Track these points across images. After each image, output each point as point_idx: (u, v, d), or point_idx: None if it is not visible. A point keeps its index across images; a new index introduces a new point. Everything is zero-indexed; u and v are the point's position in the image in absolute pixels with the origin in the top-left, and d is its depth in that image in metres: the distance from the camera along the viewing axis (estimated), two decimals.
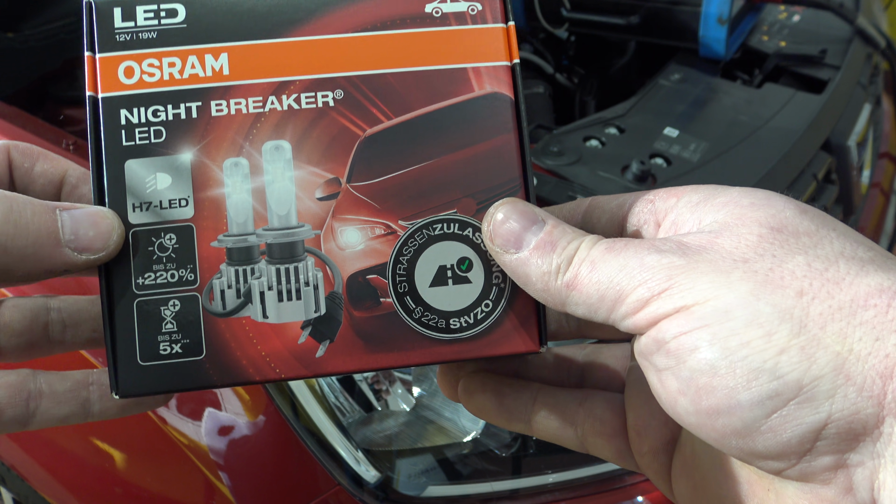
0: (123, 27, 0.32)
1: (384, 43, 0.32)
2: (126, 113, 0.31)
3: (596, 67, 1.49)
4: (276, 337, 0.31)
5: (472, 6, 0.33)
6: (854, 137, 1.19)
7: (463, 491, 0.78)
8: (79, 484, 0.81)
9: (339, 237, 0.32)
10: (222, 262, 0.31)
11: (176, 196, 0.31)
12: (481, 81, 0.33)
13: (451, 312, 0.32)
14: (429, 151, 0.32)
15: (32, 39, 1.18)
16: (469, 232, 0.32)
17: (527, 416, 0.36)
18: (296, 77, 0.32)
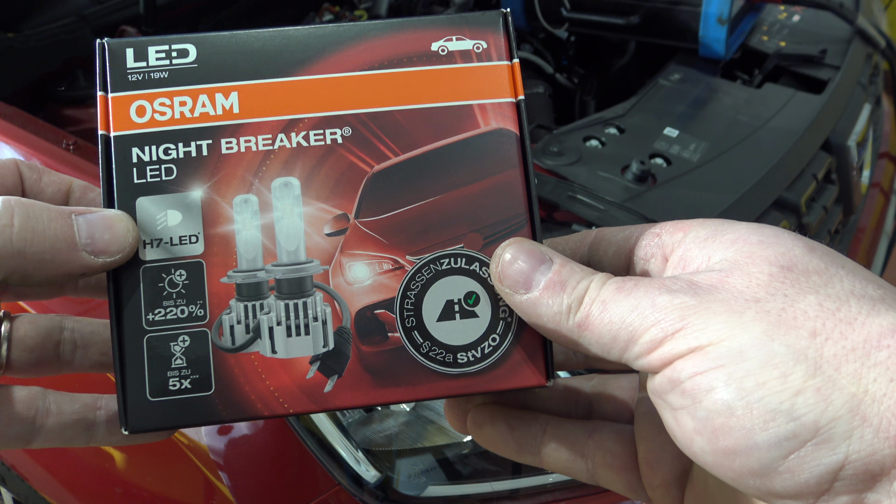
0: (135, 67, 0.32)
1: (391, 81, 0.33)
2: (137, 151, 0.32)
3: (596, 67, 1.49)
4: (284, 372, 0.31)
5: (478, 44, 0.34)
6: (854, 137, 1.19)
7: (463, 491, 0.78)
8: (79, 484, 0.81)
9: (348, 272, 0.32)
10: (232, 297, 0.31)
11: (186, 233, 0.31)
12: (487, 118, 0.33)
13: (459, 347, 0.32)
14: (436, 187, 0.32)
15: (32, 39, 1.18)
16: (476, 266, 0.32)
17: (536, 449, 0.36)
18: (305, 115, 0.32)
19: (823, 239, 1.10)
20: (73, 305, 0.73)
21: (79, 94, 1.21)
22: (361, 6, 1.68)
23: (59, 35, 1.20)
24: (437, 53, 0.33)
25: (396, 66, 0.33)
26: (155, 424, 0.30)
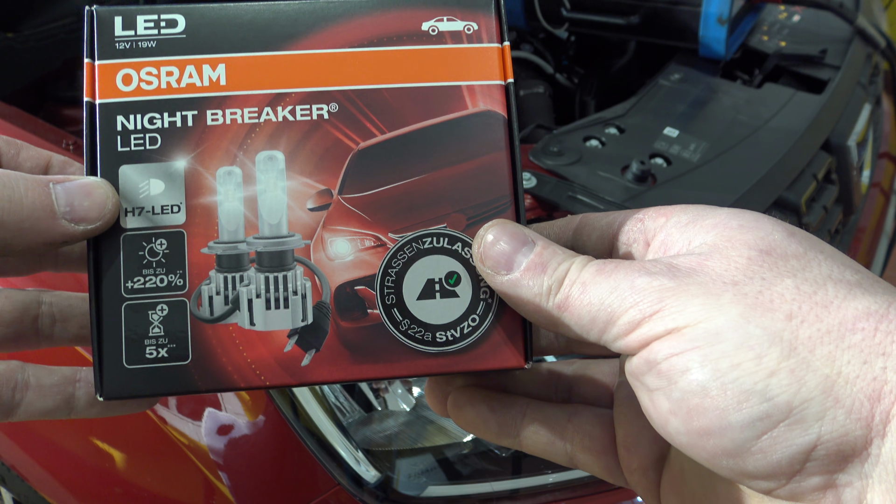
0: (123, 35, 0.32)
1: (381, 59, 0.33)
2: (122, 119, 0.32)
3: (596, 67, 1.49)
4: (262, 345, 0.31)
5: (469, 26, 0.34)
6: (854, 137, 1.19)
7: (463, 491, 0.78)
8: (79, 484, 0.81)
9: (329, 248, 0.32)
10: (212, 268, 0.31)
11: (168, 202, 0.31)
12: (475, 99, 0.33)
13: (438, 326, 0.32)
14: (421, 166, 0.32)
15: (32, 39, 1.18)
16: (458, 247, 0.32)
17: (516, 431, 0.36)
18: (292, 89, 0.32)
19: (823, 239, 1.10)
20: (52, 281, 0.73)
21: (79, 94, 1.21)
22: None
23: (59, 35, 1.20)
24: (428, 33, 0.33)
25: (386, 44, 0.33)
26: (130, 392, 0.30)
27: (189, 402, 0.75)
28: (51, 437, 0.81)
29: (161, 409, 0.75)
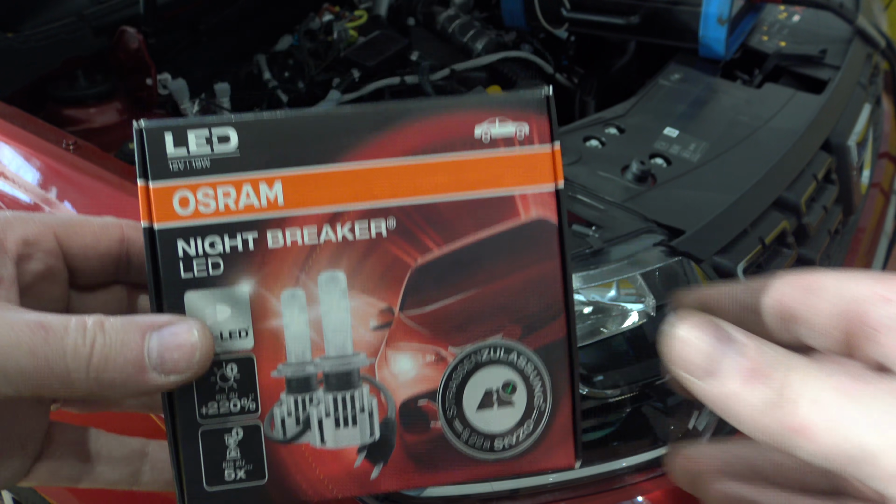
0: (176, 154, 0.31)
1: (435, 169, 0.32)
2: (183, 244, 0.31)
3: (596, 67, 1.49)
4: (333, 461, 0.32)
5: (520, 128, 0.33)
6: (854, 137, 1.19)
7: (463, 491, 0.78)
8: None
9: (393, 364, 0.33)
10: (282, 390, 0.32)
11: (236, 327, 0.31)
12: (528, 207, 0.33)
13: (496, 434, 0.33)
14: (477, 280, 0.33)
15: (32, 39, 1.17)
16: (514, 356, 0.33)
17: None
18: (349, 206, 0.32)
19: (823, 239, 1.10)
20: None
21: (79, 94, 1.21)
22: (361, 6, 1.68)
23: (59, 35, 1.20)
24: (481, 140, 0.33)
25: (440, 151, 0.32)
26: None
27: None
28: None
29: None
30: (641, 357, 0.80)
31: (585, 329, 0.78)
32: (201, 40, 1.42)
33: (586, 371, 0.78)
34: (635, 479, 0.84)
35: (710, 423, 0.86)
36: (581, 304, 0.79)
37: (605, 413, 0.80)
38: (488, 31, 1.57)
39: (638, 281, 0.81)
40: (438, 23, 1.60)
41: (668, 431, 0.84)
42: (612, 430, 0.81)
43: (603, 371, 0.78)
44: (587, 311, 0.79)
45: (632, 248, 0.84)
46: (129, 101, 1.26)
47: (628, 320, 0.80)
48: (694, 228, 0.87)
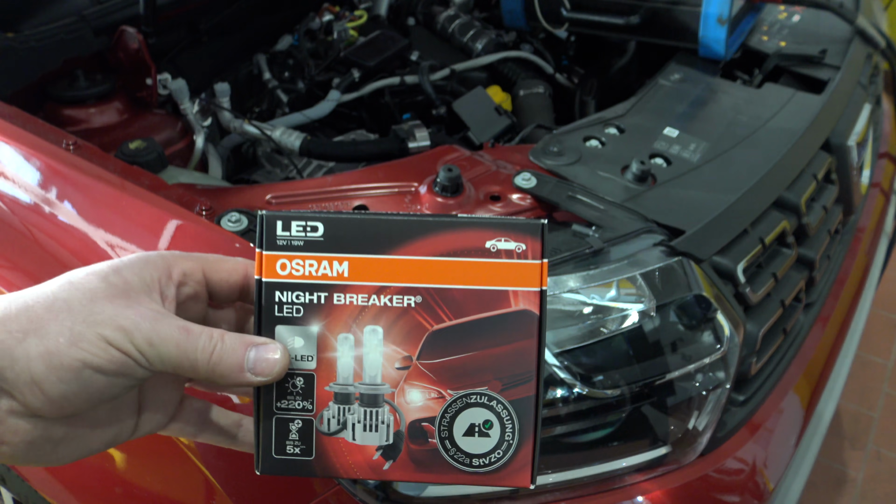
0: (282, 235, 0.47)
1: (454, 266, 0.47)
2: (279, 294, 0.47)
3: (596, 67, 1.49)
4: (359, 453, 0.48)
5: (519, 246, 0.47)
6: (854, 137, 1.19)
7: (463, 490, 0.78)
8: (79, 484, 0.81)
9: (408, 395, 0.47)
10: (330, 399, 0.47)
11: (305, 353, 0.47)
12: (518, 300, 0.47)
13: (475, 455, 0.47)
14: (474, 345, 0.47)
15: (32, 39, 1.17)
16: (494, 403, 0.47)
17: None
18: (391, 284, 0.47)
19: (823, 239, 1.10)
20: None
21: (79, 94, 1.21)
22: (361, 6, 1.68)
23: (59, 35, 1.20)
24: (489, 250, 0.47)
25: (460, 255, 0.47)
26: (276, 472, 0.48)
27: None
28: None
29: None
30: (641, 357, 0.80)
31: (585, 329, 0.79)
32: (201, 40, 1.42)
33: (586, 371, 0.78)
34: (635, 479, 0.84)
35: (710, 423, 0.86)
36: (581, 304, 0.79)
37: (605, 413, 0.80)
38: (488, 31, 1.57)
39: (638, 281, 0.81)
40: (438, 23, 1.60)
41: (668, 431, 0.84)
42: (612, 430, 0.81)
43: (603, 371, 0.79)
44: (587, 311, 0.79)
45: (632, 248, 0.84)
46: (129, 101, 1.26)
47: (628, 320, 0.80)
48: (694, 228, 0.87)
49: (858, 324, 1.26)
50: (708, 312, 0.85)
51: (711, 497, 0.88)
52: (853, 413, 1.93)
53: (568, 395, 0.78)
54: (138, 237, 0.78)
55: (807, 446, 1.05)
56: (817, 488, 1.73)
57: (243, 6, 1.47)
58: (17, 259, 0.82)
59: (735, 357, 0.86)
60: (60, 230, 0.82)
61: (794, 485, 1.00)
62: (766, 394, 0.97)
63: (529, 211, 0.88)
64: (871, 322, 2.14)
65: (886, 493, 1.74)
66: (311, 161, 1.28)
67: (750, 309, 0.93)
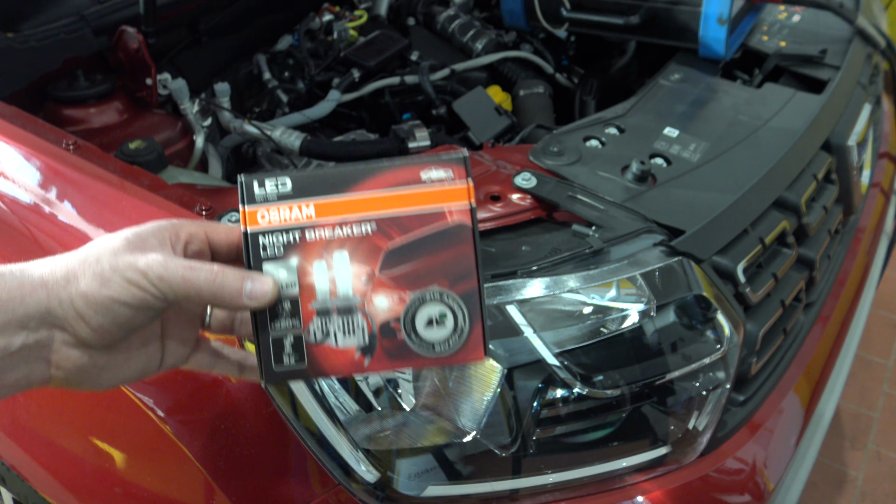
0: (259, 192, 0.57)
1: (398, 197, 0.57)
2: (262, 239, 0.57)
3: (596, 67, 1.49)
4: (343, 355, 0.57)
5: (449, 174, 0.58)
6: (854, 137, 1.19)
7: (463, 491, 0.78)
8: (79, 484, 0.81)
9: (375, 302, 0.57)
10: (314, 315, 0.57)
11: (289, 281, 0.57)
12: (452, 216, 0.58)
13: (435, 342, 0.57)
14: (423, 255, 0.57)
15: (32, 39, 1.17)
16: (445, 297, 0.57)
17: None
18: (350, 217, 0.57)
19: (823, 239, 1.10)
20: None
21: (79, 94, 1.21)
22: (361, 6, 1.68)
23: (59, 35, 1.20)
24: (425, 180, 0.58)
25: (403, 185, 0.57)
26: (277, 380, 0.57)
27: (189, 401, 0.75)
28: (51, 437, 0.81)
29: (161, 408, 0.75)
30: (641, 357, 0.80)
31: (585, 329, 0.79)
32: (201, 40, 1.42)
33: (586, 371, 0.78)
34: (635, 479, 0.84)
35: (710, 423, 0.86)
36: (581, 304, 0.79)
37: (605, 413, 0.80)
38: (488, 31, 1.57)
39: (638, 281, 0.81)
40: (438, 23, 1.60)
41: (668, 431, 0.84)
42: (612, 430, 0.81)
43: (603, 371, 0.79)
44: (587, 311, 0.79)
45: (632, 248, 0.84)
46: (129, 101, 1.26)
47: (628, 320, 0.80)
48: (694, 228, 0.87)
49: (858, 324, 1.26)
50: (708, 312, 0.85)
51: (711, 497, 0.88)
52: (853, 413, 1.93)
53: (568, 395, 0.78)
54: None
55: (807, 446, 1.05)
56: (817, 488, 1.73)
57: (243, 6, 1.47)
58: (17, 259, 0.81)
59: (735, 357, 0.86)
60: (60, 230, 0.82)
61: (794, 485, 1.00)
62: (766, 394, 0.97)
63: (529, 211, 0.88)
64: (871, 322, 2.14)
65: (886, 493, 1.74)
66: (311, 161, 1.28)
67: (750, 309, 0.93)
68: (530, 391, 0.77)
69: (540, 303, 0.78)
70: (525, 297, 0.78)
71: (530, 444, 0.78)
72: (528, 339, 0.77)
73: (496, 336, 0.76)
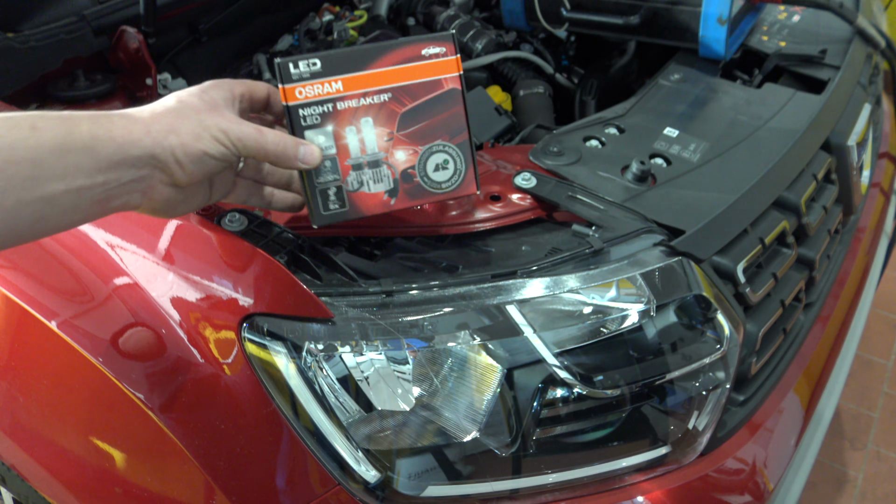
0: (294, 72, 0.71)
1: (406, 70, 0.75)
2: (302, 111, 0.72)
3: (596, 67, 1.49)
4: (374, 198, 0.76)
5: (442, 49, 0.76)
6: (854, 137, 1.19)
7: (463, 491, 0.78)
8: (79, 484, 0.81)
9: (396, 155, 0.76)
10: (350, 169, 0.75)
11: (328, 144, 0.73)
12: (447, 84, 0.77)
13: (442, 182, 0.78)
14: (428, 115, 0.76)
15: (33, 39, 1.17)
16: (446, 148, 0.77)
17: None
18: (370, 89, 0.74)
19: (823, 239, 1.10)
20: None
21: (79, 94, 1.21)
22: (361, 6, 1.68)
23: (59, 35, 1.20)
24: (425, 55, 0.75)
25: (409, 61, 0.75)
26: (325, 223, 0.75)
27: (189, 401, 0.75)
28: (51, 437, 0.81)
29: (161, 409, 0.75)
30: (641, 357, 0.80)
31: (585, 329, 0.79)
32: (201, 40, 1.42)
33: (586, 371, 0.78)
34: (635, 479, 0.84)
35: (709, 423, 0.86)
36: (581, 304, 0.79)
37: (605, 413, 0.80)
38: (488, 31, 1.57)
39: (638, 281, 0.81)
40: (438, 23, 1.60)
41: (668, 431, 0.84)
42: (612, 430, 0.81)
43: (603, 371, 0.79)
44: (587, 311, 0.79)
45: (632, 248, 0.84)
46: (129, 101, 1.26)
47: (628, 320, 0.80)
48: (694, 228, 0.87)
49: (858, 324, 1.26)
50: (708, 312, 0.85)
51: (711, 497, 0.88)
52: (853, 413, 1.93)
53: (568, 395, 0.78)
54: (138, 237, 0.78)
55: (807, 446, 1.05)
56: (817, 488, 1.73)
57: (243, 6, 1.47)
58: (17, 259, 0.82)
59: (735, 357, 0.86)
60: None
61: (794, 485, 1.00)
62: (766, 394, 0.97)
63: (530, 211, 0.88)
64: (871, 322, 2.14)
65: (886, 493, 1.74)
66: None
67: (750, 309, 0.93)
68: (530, 391, 0.77)
69: (540, 303, 0.78)
70: (525, 297, 0.78)
71: (530, 444, 0.78)
72: (528, 339, 0.77)
73: (496, 336, 0.76)
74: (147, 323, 0.75)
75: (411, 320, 0.75)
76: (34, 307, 0.79)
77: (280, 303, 0.74)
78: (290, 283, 0.73)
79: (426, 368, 0.75)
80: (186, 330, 0.74)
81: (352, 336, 0.74)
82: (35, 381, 0.80)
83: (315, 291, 0.74)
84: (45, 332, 0.78)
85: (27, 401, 0.81)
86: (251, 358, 0.73)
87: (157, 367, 0.75)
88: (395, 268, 0.81)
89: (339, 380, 0.75)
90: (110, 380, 0.75)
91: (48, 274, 0.80)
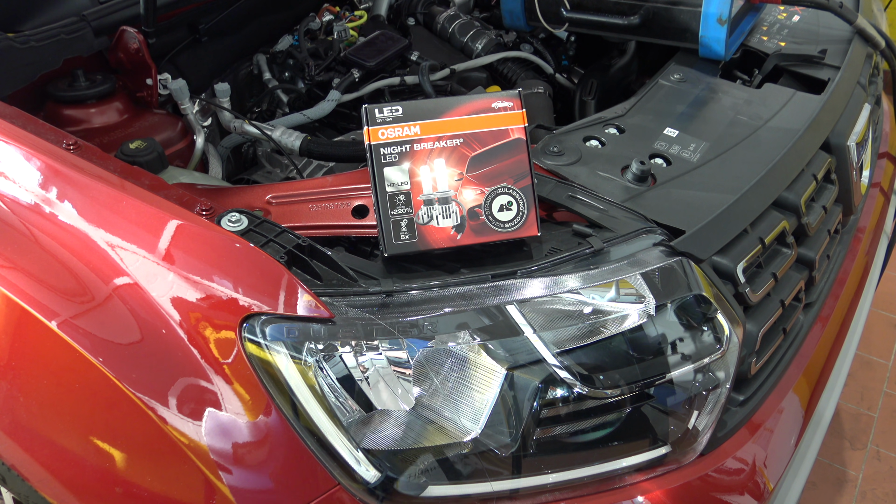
0: (378, 116, 0.83)
1: (478, 120, 0.84)
2: (383, 150, 0.82)
3: (596, 67, 1.49)
4: (442, 232, 0.82)
5: (509, 105, 0.85)
6: (854, 137, 1.19)
7: (463, 491, 0.78)
8: (79, 484, 0.81)
9: (464, 195, 0.83)
10: (422, 204, 0.82)
11: (403, 181, 0.82)
12: (513, 133, 0.85)
13: (505, 221, 0.83)
14: (495, 161, 0.84)
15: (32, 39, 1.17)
16: (511, 191, 0.83)
17: None
18: (444, 134, 0.83)
19: (823, 239, 1.10)
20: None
21: (79, 94, 1.21)
22: (361, 6, 1.68)
23: (59, 35, 1.20)
24: (495, 108, 0.85)
25: (480, 112, 0.85)
26: (396, 252, 0.81)
27: (189, 401, 0.75)
28: (51, 437, 0.81)
29: (161, 408, 0.75)
30: (641, 357, 0.80)
31: (585, 329, 0.79)
32: (201, 40, 1.42)
33: (586, 371, 0.78)
34: (635, 479, 0.84)
35: (709, 423, 0.86)
36: (581, 304, 0.79)
37: (605, 413, 0.80)
38: (488, 31, 1.57)
39: (638, 281, 0.81)
40: (438, 23, 1.59)
41: (667, 431, 0.84)
42: (611, 430, 0.81)
43: (603, 371, 0.79)
44: (587, 311, 0.79)
45: (632, 248, 0.84)
46: (129, 101, 1.26)
47: (628, 320, 0.80)
48: (694, 228, 0.87)
49: (858, 324, 1.26)
50: (708, 312, 0.85)
51: (711, 497, 0.88)
52: (853, 413, 1.93)
53: (568, 395, 0.78)
54: (138, 237, 0.78)
55: (807, 446, 1.05)
56: (817, 488, 1.73)
57: (243, 6, 1.46)
58: (17, 259, 0.82)
59: (735, 357, 0.86)
60: (60, 230, 0.82)
61: (794, 485, 1.00)
62: (766, 394, 0.97)
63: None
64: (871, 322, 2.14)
65: (886, 493, 1.74)
66: (311, 161, 1.28)
67: (750, 309, 0.93)
68: (530, 391, 0.77)
69: (540, 303, 0.78)
70: (525, 297, 0.78)
71: (530, 444, 0.78)
72: (528, 339, 0.77)
73: (496, 336, 0.76)
74: (147, 323, 0.75)
75: (411, 320, 0.75)
76: (34, 307, 0.79)
77: (280, 303, 0.74)
78: (290, 283, 0.73)
79: (426, 368, 0.75)
80: (186, 330, 0.74)
81: (352, 336, 0.74)
82: (35, 381, 0.80)
83: (315, 291, 0.74)
84: (45, 332, 0.78)
85: (27, 401, 0.81)
86: (251, 358, 0.73)
87: (157, 368, 0.75)
88: (395, 268, 0.82)
89: (339, 380, 0.75)
90: (110, 380, 0.75)
91: (48, 274, 0.80)
